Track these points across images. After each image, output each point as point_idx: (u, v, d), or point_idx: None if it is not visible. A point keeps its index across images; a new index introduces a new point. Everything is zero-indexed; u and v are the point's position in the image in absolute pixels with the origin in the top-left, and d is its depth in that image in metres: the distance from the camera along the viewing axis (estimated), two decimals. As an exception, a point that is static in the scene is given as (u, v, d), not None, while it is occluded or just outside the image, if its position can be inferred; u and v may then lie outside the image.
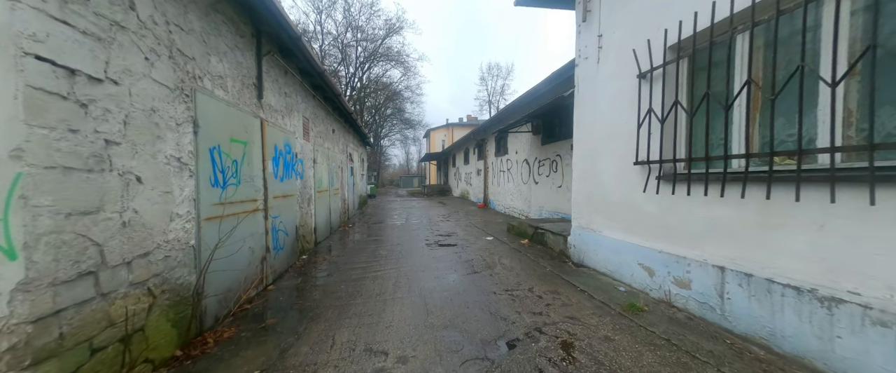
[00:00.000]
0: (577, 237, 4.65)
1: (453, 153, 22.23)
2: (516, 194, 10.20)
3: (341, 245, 6.39)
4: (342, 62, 22.49)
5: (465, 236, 7.11)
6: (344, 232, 7.96)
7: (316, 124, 6.49)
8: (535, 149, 8.74)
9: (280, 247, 4.32)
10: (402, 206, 15.09)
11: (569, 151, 6.93)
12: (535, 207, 8.77)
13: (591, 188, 4.38)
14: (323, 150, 6.93)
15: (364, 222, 9.69)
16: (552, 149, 7.72)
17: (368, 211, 13.06)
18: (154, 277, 2.13)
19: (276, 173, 4.18)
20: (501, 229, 7.86)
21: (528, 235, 6.35)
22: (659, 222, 3.19)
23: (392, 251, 5.72)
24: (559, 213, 7.42)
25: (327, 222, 7.18)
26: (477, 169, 15.52)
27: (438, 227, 8.60)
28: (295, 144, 5.02)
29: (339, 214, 8.54)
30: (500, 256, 5.21)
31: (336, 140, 8.51)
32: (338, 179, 8.49)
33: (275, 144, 4.18)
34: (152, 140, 2.14)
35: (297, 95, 5.27)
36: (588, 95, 4.45)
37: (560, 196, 7.35)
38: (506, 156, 11.13)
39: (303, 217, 5.45)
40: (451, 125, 40.47)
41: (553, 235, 5.42)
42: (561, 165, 7.30)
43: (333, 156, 8.01)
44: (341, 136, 9.32)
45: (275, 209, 4.14)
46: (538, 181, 8.53)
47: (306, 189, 5.69)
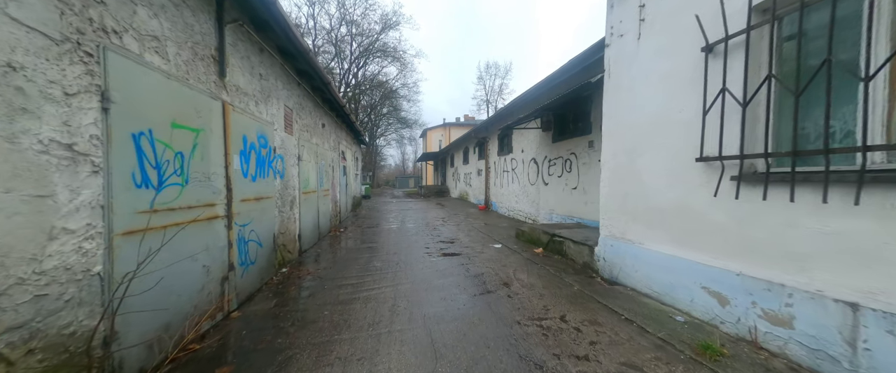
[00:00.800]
0: (607, 248, 3.92)
1: (451, 153, 21.48)
2: (522, 196, 9.48)
3: (330, 254, 5.59)
4: (336, 57, 21.62)
5: (470, 243, 6.36)
6: (334, 238, 7.15)
7: (302, 116, 5.69)
8: (544, 147, 8.03)
9: (251, 261, 3.52)
10: (399, 207, 14.30)
11: (586, 148, 6.22)
12: (544, 211, 8.06)
13: (627, 190, 3.65)
14: (310, 146, 6.13)
15: (357, 226, 8.89)
16: (565, 146, 7.01)
17: (362, 213, 12.25)
18: (9, 333, 1.34)
19: (245, 171, 3.38)
20: (509, 235, 7.12)
21: (542, 243, 5.62)
22: (736, 236, 2.47)
23: (388, 262, 4.94)
24: (573, 217, 6.71)
25: (315, 227, 6.38)
26: (477, 169, 14.78)
27: (438, 231, 7.84)
28: (273, 137, 4.22)
29: (329, 218, 7.73)
30: (514, 270, 4.46)
31: (326, 136, 7.71)
32: (328, 178, 7.69)
33: (244, 134, 3.39)
34: (8, 115, 1.35)
35: (277, 79, 4.48)
36: (623, 80, 3.73)
37: (575, 199, 6.64)
38: (510, 155, 10.41)
39: (284, 223, 4.65)
40: (448, 125, 39.75)
41: (575, 245, 4.69)
42: (576, 165, 6.58)
43: (323, 153, 7.21)
44: (332, 131, 8.52)
45: (244, 215, 3.35)
46: (548, 182, 7.81)
47: (288, 190, 4.89)
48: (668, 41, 3.10)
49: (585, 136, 6.25)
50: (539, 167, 8.36)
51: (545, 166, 7.98)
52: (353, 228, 8.61)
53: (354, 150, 13.18)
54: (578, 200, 6.51)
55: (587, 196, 6.20)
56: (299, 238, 5.37)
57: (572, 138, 6.73)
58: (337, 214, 8.96)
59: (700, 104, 2.74)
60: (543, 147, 8.07)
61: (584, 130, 6.29)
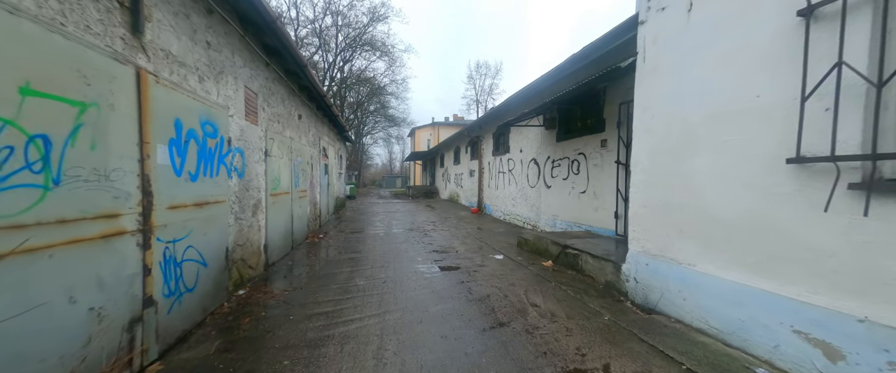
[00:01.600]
0: (640, 268, 3.24)
1: (441, 152, 20.70)
2: (520, 200, 8.80)
3: (305, 267, 4.70)
4: (320, 49, 20.44)
5: (468, 253, 5.59)
6: (312, 246, 6.24)
7: (271, 104, 4.78)
8: (547, 146, 7.36)
9: (186, 289, 2.63)
10: (386, 209, 13.40)
11: (597, 148, 5.56)
12: (545, 216, 7.39)
13: (670, 198, 2.97)
14: (282, 140, 5.22)
15: (340, 231, 7.97)
16: (572, 146, 6.35)
17: (346, 215, 11.29)
18: None
19: (177, 167, 2.49)
20: (509, 243, 6.40)
21: (551, 254, 4.91)
22: (857, 266, 1.80)
23: (373, 279, 4.10)
24: (581, 224, 6.05)
25: (286, 235, 5.46)
26: (470, 170, 14.06)
27: (430, 238, 7.04)
28: (227, 125, 3.33)
29: (306, 223, 6.80)
30: (526, 290, 3.72)
31: (304, 130, 6.78)
32: (305, 177, 6.76)
33: (178, 118, 2.50)
34: None
35: (234, 53, 3.57)
36: (665, 62, 3.05)
37: (583, 204, 5.98)
38: (507, 155, 9.73)
39: (243, 233, 3.74)
40: (437, 124, 38.96)
41: (594, 260, 3.99)
42: (585, 166, 5.93)
43: (299, 149, 6.29)
44: (312, 125, 7.58)
45: (175, 227, 2.46)
46: (551, 185, 7.15)
47: (251, 192, 3.99)
48: (737, 8, 2.43)
49: (596, 134, 5.60)
50: (540, 169, 7.69)
51: (547, 168, 7.31)
52: (335, 233, 7.69)
53: (338, 147, 12.21)
54: (587, 206, 5.86)
55: (598, 201, 5.55)
56: (265, 249, 4.46)
57: (581, 137, 6.08)
58: (316, 217, 8.02)
59: (791, 87, 2.07)
60: (546, 147, 7.40)
61: (595, 127, 5.64)
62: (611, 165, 5.20)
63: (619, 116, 4.96)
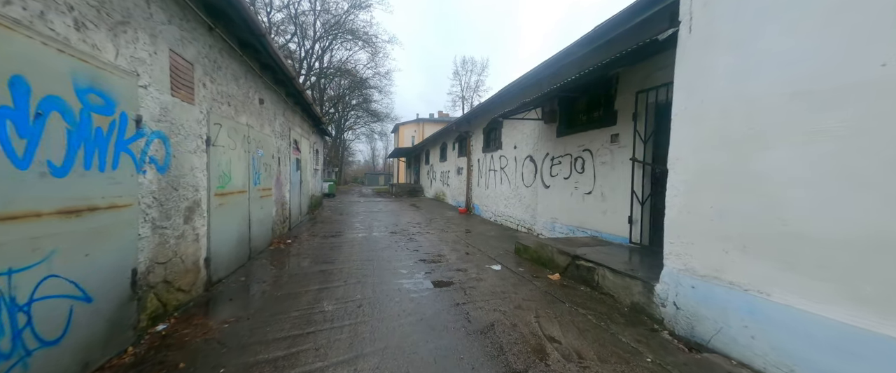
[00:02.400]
0: (684, 291, 2.58)
1: (427, 149, 19.84)
2: (514, 200, 8.13)
3: (261, 286, 3.78)
4: (296, 34, 18.99)
5: (460, 262, 4.83)
6: (276, 255, 5.28)
7: (217, 81, 3.81)
8: (545, 142, 6.70)
9: (46, 341, 1.71)
10: (367, 208, 12.44)
11: (606, 143, 4.92)
12: (543, 218, 6.74)
13: (727, 204, 2.31)
14: (236, 126, 4.25)
15: (312, 234, 7.01)
16: (575, 142, 5.70)
17: (323, 216, 10.27)
18: None
19: (18, 155, 1.57)
20: (506, 250, 5.69)
21: (557, 266, 4.23)
22: None
23: (346, 302, 3.25)
24: (585, 229, 5.42)
25: (241, 243, 4.50)
26: (457, 167, 13.31)
27: (416, 243, 6.23)
28: (133, 97, 2.38)
29: (269, 226, 5.82)
30: (536, 315, 3.00)
31: (267, 117, 5.78)
32: (269, 173, 5.77)
33: (18, 75, 1.57)
34: None
35: (150, 0, 2.62)
36: (724, 29, 2.38)
37: (589, 206, 5.34)
38: (499, 151, 9.03)
39: (165, 247, 2.80)
40: (421, 120, 38.02)
41: (615, 276, 3.32)
42: (591, 164, 5.29)
43: (262, 140, 5.30)
44: (279, 113, 6.57)
45: (17, 250, 1.55)
46: (550, 184, 6.50)
47: (181, 191, 3.04)
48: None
49: (605, 128, 4.96)
50: (537, 167, 7.03)
51: (546, 165, 6.65)
52: (307, 237, 6.73)
53: (313, 140, 11.12)
54: (594, 208, 5.22)
55: (606, 204, 4.92)
56: (206, 264, 3.51)
57: (586, 132, 5.43)
58: (284, 219, 7.02)
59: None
60: (544, 142, 6.74)
61: (605, 120, 5.00)
62: (624, 162, 4.58)
63: (635, 106, 4.32)
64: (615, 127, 4.77)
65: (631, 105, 4.44)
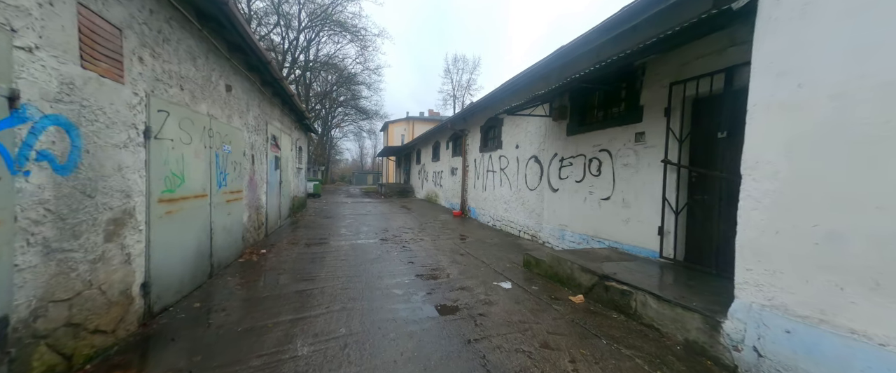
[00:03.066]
0: (774, 335, 1.98)
1: (418, 148, 19.08)
2: (516, 204, 7.52)
3: (218, 316, 3.00)
4: (279, 25, 17.88)
5: (462, 278, 4.17)
6: (245, 270, 4.48)
7: (165, 56, 3.01)
8: (553, 141, 6.10)
9: None
10: (355, 211, 11.62)
11: (630, 143, 4.35)
12: (549, 225, 6.14)
13: (847, 225, 1.72)
14: (192, 116, 3.45)
15: (292, 242, 6.20)
16: (590, 141, 5.12)
17: (306, 219, 9.42)
18: None
19: None
20: (512, 261, 5.05)
21: (579, 285, 3.61)
22: None
23: (327, 341, 2.53)
24: (601, 239, 4.84)
25: (199, 258, 3.69)
26: (451, 167, 12.63)
27: (411, 253, 5.53)
28: (7, 64, 1.60)
29: (240, 235, 5.01)
30: (572, 360, 2.35)
31: (238, 108, 4.95)
32: (240, 173, 4.95)
33: None
34: None
35: (45, -70, 1.83)
36: (836, -7, 1.79)
37: (606, 214, 4.76)
38: (498, 151, 8.41)
39: (62, 279, 2.02)
40: (411, 119, 37.18)
41: (661, 305, 2.71)
42: (610, 167, 4.71)
43: (229, 133, 4.49)
44: (253, 104, 5.73)
45: None
46: (558, 188, 5.90)
47: (100, 199, 2.25)
48: None
49: (628, 125, 4.38)
50: (543, 168, 6.43)
51: (554, 167, 6.05)
52: (286, 246, 5.92)
53: (296, 136, 10.23)
54: (613, 216, 4.64)
55: (629, 211, 4.34)
56: (144, 292, 2.72)
57: (603, 129, 4.85)
58: (259, 225, 6.19)
59: None
60: (552, 142, 6.14)
61: (627, 117, 4.42)
62: (652, 165, 4.00)
63: (668, 100, 3.75)
64: (640, 124, 4.19)
65: (662, 99, 3.87)
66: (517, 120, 7.43)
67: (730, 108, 3.13)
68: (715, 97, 3.31)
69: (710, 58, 3.35)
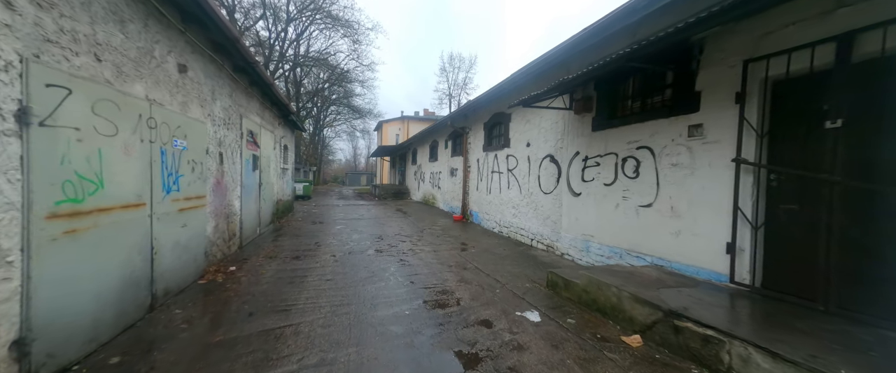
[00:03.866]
0: None
1: (414, 147, 18.20)
2: (527, 209, 6.70)
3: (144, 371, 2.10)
4: (265, 16, 16.81)
5: (477, 304, 3.32)
6: (204, 296, 3.56)
7: (62, 9, 2.09)
8: (575, 138, 5.30)
9: None
10: (346, 215, 10.69)
11: (681, 139, 3.56)
12: (570, 235, 5.33)
13: None
14: (119, 99, 2.54)
15: (270, 256, 5.27)
16: (625, 136, 4.32)
17: (292, 225, 8.48)
18: None
19: None
20: (529, 278, 4.23)
21: (634, 322, 2.79)
22: None
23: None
24: (642, 254, 4.04)
25: (130, 289, 2.77)
26: (451, 168, 11.78)
27: (411, 266, 4.66)
28: None
29: (201, 250, 4.09)
30: None
31: (196, 94, 4.03)
32: (201, 175, 4.03)
33: None
34: None
35: None
36: None
37: (649, 224, 3.96)
38: (506, 150, 7.59)
39: None
40: (406, 118, 36.25)
41: (781, 365, 1.89)
42: (651, 166, 3.91)
43: (186, 126, 3.58)
44: (222, 92, 4.80)
45: None
46: (581, 192, 5.10)
47: None
48: None
49: (679, 116, 3.59)
50: (561, 168, 5.63)
51: (575, 168, 5.25)
52: (262, 260, 4.99)
53: (281, 133, 9.27)
54: (657, 227, 3.85)
55: (681, 222, 3.55)
56: (22, 352, 1.81)
57: (642, 123, 4.05)
58: (231, 235, 5.25)
59: None
60: (572, 138, 5.33)
61: (678, 106, 3.63)
62: (715, 165, 3.21)
63: (742, 82, 2.96)
64: (696, 115, 3.40)
65: (730, 82, 3.08)
66: (528, 115, 6.62)
67: (847, 88, 2.34)
68: (817, 76, 2.53)
69: (806, 25, 2.57)
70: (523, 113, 6.78)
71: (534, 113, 6.41)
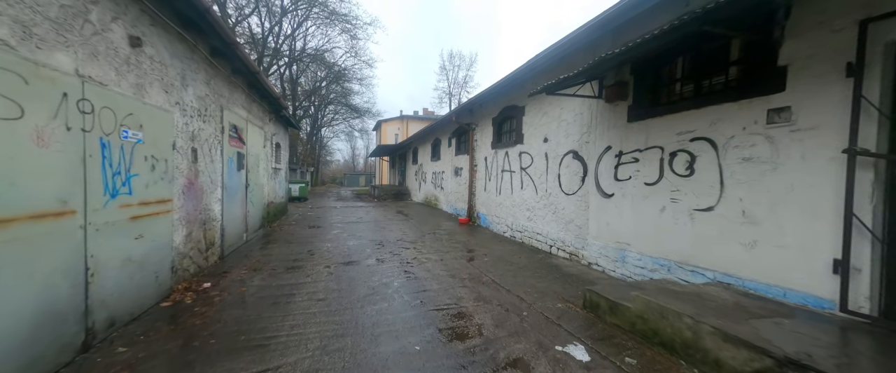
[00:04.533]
0: None
1: (415, 146, 17.49)
2: (544, 212, 6.00)
3: None
4: (257, 10, 16.07)
5: (503, 334, 2.62)
6: (165, 322, 2.85)
7: None
8: (605, 131, 4.60)
9: None
10: (344, 218, 9.98)
11: (757, 125, 2.86)
12: (599, 243, 4.64)
13: None
14: (23, 71, 1.82)
15: (255, 268, 4.56)
16: (675, 126, 3.63)
17: (285, 229, 7.76)
18: None
19: None
20: (558, 295, 3.52)
21: (722, 366, 2.09)
22: None
23: None
24: (697, 268, 3.35)
25: (50, 326, 2.06)
26: (455, 167, 11.08)
27: (416, 278, 3.95)
28: None
29: (167, 264, 3.38)
30: None
31: (156, 75, 3.31)
32: (164, 175, 3.32)
33: None
34: None
35: None
36: None
37: (706, 231, 3.27)
38: (518, 147, 6.89)
39: None
40: (405, 117, 35.58)
41: None
42: (714, 162, 3.22)
43: (140, 114, 2.87)
44: (195, 78, 4.09)
45: None
46: (613, 192, 4.40)
47: None
48: None
49: (755, 98, 2.89)
50: (587, 166, 4.93)
51: (606, 165, 4.56)
52: (245, 273, 4.28)
53: (273, 130, 8.56)
54: (724, 236, 3.15)
55: (759, 230, 2.85)
56: None
57: (698, 110, 3.36)
58: (208, 245, 4.54)
59: None
60: (602, 131, 4.64)
61: (753, 86, 2.93)
62: (808, 158, 2.52)
63: (859, 50, 2.26)
64: (780, 96, 2.71)
65: (834, 51, 2.39)
66: (546, 107, 5.94)
67: None
68: None
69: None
70: (540, 105, 6.09)
71: (552, 104, 5.72)
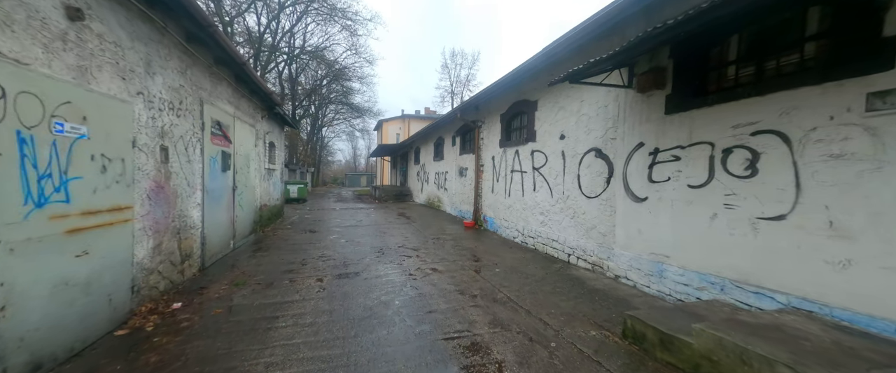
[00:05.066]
0: None
1: (416, 146, 16.93)
2: (560, 216, 5.42)
3: None
4: (253, 5, 15.55)
5: (540, 392, 2.07)
6: (117, 358, 2.29)
7: None
8: (636, 125, 4.03)
9: None
10: (343, 220, 9.44)
11: (849, 116, 2.27)
12: (629, 254, 4.06)
13: None
14: None
15: (237, 282, 4.00)
16: (728, 119, 3.05)
17: (279, 234, 7.22)
18: None
19: None
20: (589, 319, 2.94)
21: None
22: None
23: None
24: (762, 289, 2.77)
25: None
26: (459, 167, 10.51)
27: (422, 293, 3.38)
28: None
29: (126, 284, 2.83)
30: None
31: (109, 58, 2.75)
32: (128, 177, 2.77)
33: None
34: None
35: None
36: None
37: (775, 244, 2.69)
38: (530, 145, 6.32)
39: None
40: (407, 117, 35.10)
41: None
42: (786, 160, 2.64)
43: (84, 102, 2.32)
44: (166, 64, 3.54)
45: None
46: (647, 196, 3.82)
47: None
48: None
49: (846, 81, 2.31)
50: (613, 166, 4.35)
51: (637, 164, 3.98)
52: (224, 289, 3.73)
53: (265, 129, 8.02)
54: (799, 251, 2.57)
55: (855, 247, 2.27)
56: None
57: (761, 97, 2.77)
58: (185, 257, 3.99)
59: None
60: (632, 125, 4.06)
61: (845, 65, 2.35)
62: None
63: None
64: (886, 75, 2.12)
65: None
66: (562, 101, 5.36)
67: None
68: None
69: None
70: (555, 99, 5.52)
71: (570, 98, 5.15)
